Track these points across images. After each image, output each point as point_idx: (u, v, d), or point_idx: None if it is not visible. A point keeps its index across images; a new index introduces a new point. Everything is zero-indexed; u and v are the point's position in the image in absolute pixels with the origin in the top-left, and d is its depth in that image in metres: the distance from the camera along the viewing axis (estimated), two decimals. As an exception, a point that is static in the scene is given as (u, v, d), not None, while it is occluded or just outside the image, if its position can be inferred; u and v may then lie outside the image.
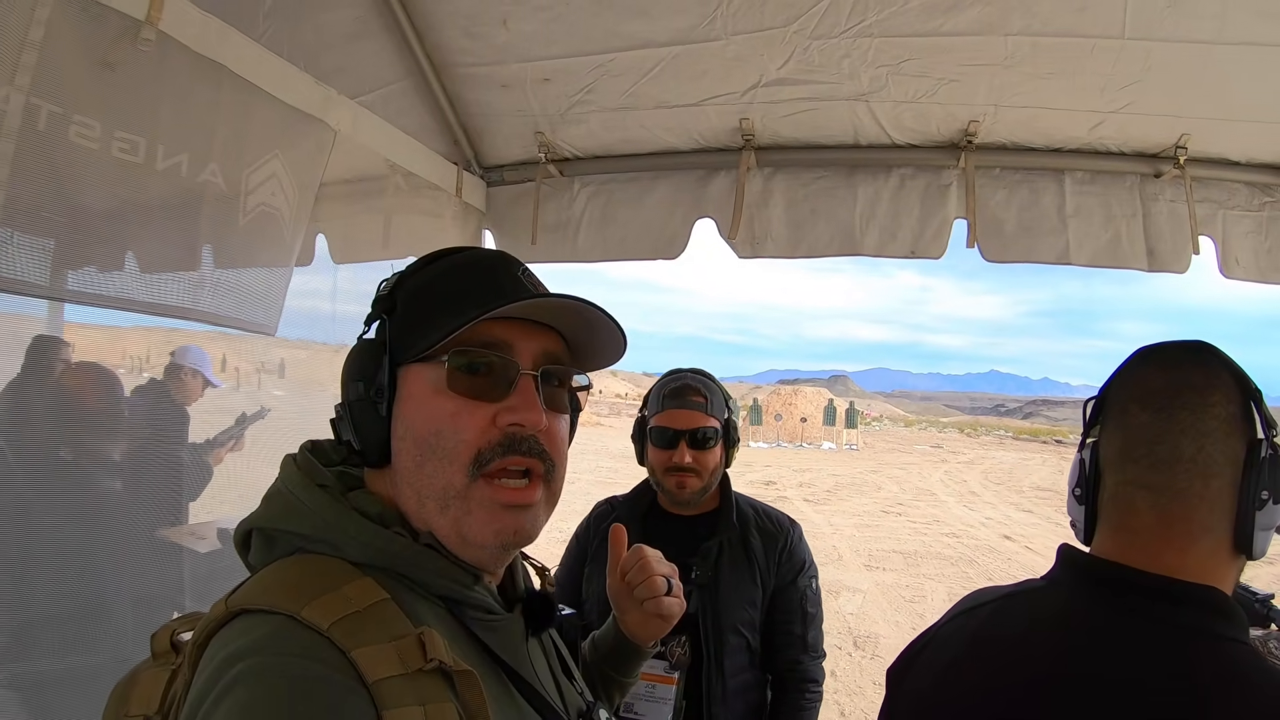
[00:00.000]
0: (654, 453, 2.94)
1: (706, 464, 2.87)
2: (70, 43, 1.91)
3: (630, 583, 1.67)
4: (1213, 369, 1.34)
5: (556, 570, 3.11)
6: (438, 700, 0.95)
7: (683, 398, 2.89)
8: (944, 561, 15.92)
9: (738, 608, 2.81)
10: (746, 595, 2.83)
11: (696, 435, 2.85)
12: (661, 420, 2.92)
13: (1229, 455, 1.28)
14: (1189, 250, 3.13)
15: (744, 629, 2.81)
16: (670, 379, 2.98)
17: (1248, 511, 1.26)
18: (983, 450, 62.17)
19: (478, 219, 3.93)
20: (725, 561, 2.85)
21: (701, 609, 2.76)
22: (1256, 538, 1.26)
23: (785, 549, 2.93)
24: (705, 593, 2.78)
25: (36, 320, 2.38)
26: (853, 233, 3.44)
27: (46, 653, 2.17)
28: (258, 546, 1.14)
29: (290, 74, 2.58)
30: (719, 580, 2.81)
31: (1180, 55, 2.69)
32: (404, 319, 1.19)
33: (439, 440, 1.12)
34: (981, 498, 28.23)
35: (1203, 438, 1.29)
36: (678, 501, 2.94)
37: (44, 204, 1.93)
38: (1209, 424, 1.29)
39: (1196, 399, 1.31)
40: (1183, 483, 1.29)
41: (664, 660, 2.71)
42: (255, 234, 2.53)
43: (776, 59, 3.02)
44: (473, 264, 1.24)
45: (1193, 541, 1.28)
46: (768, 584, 2.88)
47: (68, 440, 2.37)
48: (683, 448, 2.85)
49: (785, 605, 2.88)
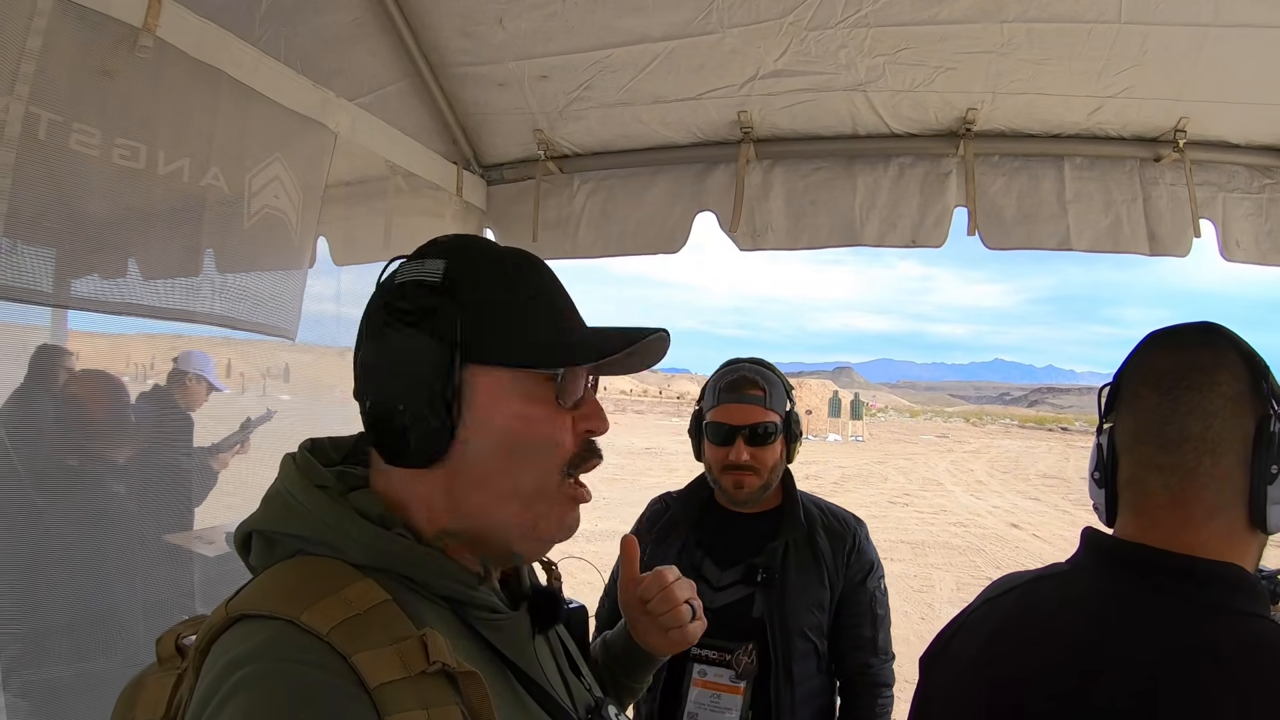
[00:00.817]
0: (710, 449, 2.81)
1: (766, 461, 2.73)
2: (68, 51, 1.92)
3: (653, 611, 1.61)
4: (1220, 349, 1.35)
5: (612, 571, 2.98)
6: (441, 703, 0.94)
7: (739, 391, 2.76)
8: (952, 551, 15.95)
9: (805, 611, 2.67)
10: (814, 598, 2.70)
11: (756, 431, 2.71)
12: (717, 415, 2.78)
13: (1237, 432, 1.29)
14: (1190, 234, 3.12)
15: (811, 633, 2.68)
16: (727, 370, 2.85)
17: (1260, 486, 1.27)
18: (988, 439, 62.22)
19: (479, 218, 3.94)
20: (792, 563, 2.72)
21: (768, 613, 2.64)
22: (1270, 512, 1.27)
23: (854, 548, 2.79)
24: (771, 596, 2.66)
25: (41, 329, 2.38)
26: (853, 223, 3.43)
27: (59, 660, 2.17)
28: (258, 549, 1.14)
29: (288, 77, 2.59)
30: (785, 583, 2.68)
31: (1177, 38, 2.69)
32: (483, 320, 1.14)
33: (536, 444, 1.16)
34: (988, 486, 28.28)
35: (1210, 417, 1.30)
36: (735, 500, 2.80)
37: (47, 212, 1.94)
38: (1215, 403, 1.30)
39: (1203, 379, 1.32)
40: (1191, 461, 1.31)
41: (729, 669, 2.60)
42: (261, 237, 2.54)
43: (773, 51, 3.01)
44: (541, 267, 1.25)
45: (1208, 518, 1.29)
46: (835, 585, 2.74)
47: (74, 447, 2.37)
48: (740, 444, 2.71)
49: (854, 607, 2.75)
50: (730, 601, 2.71)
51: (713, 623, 2.62)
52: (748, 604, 2.69)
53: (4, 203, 1.78)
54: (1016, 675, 1.38)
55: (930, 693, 1.61)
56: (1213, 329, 1.39)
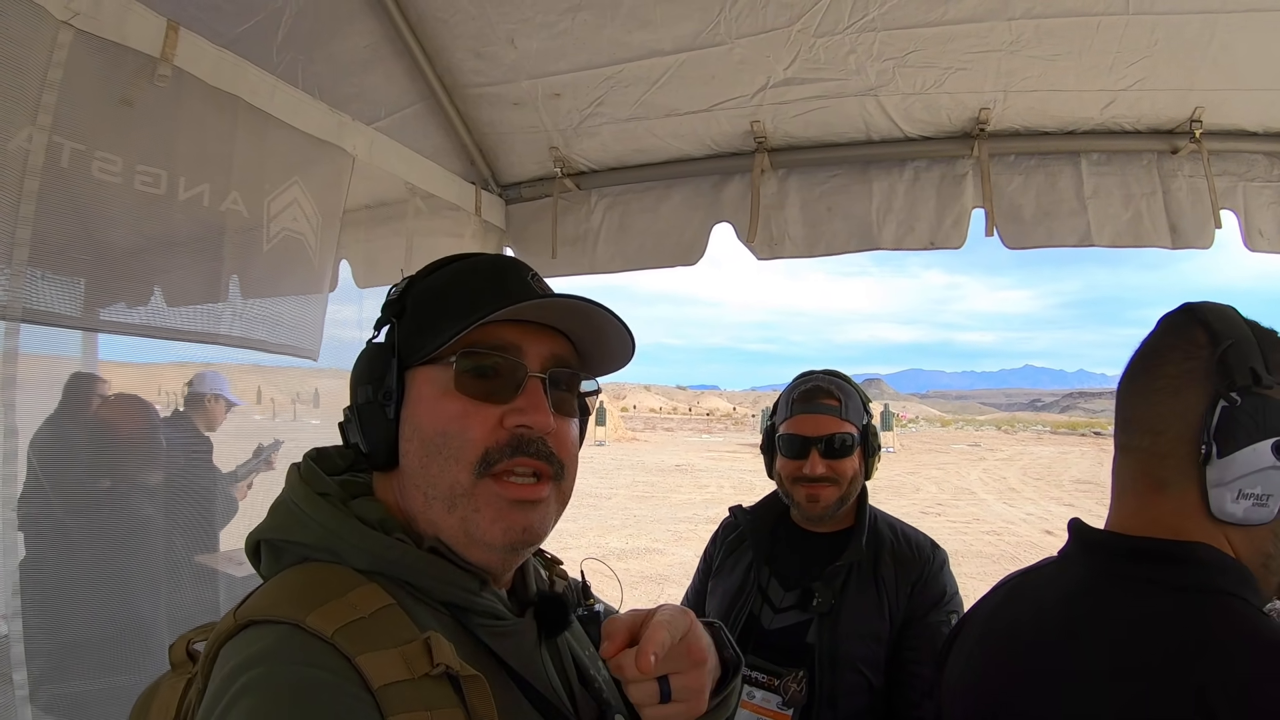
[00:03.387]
0: (783, 463, 2.67)
1: (844, 473, 2.59)
2: (89, 82, 1.98)
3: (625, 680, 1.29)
4: (1181, 329, 1.38)
5: (692, 582, 2.95)
6: (444, 705, 0.96)
7: (814, 401, 2.63)
8: (986, 560, 15.80)
9: (859, 642, 2.48)
10: (870, 629, 2.50)
11: (831, 442, 2.57)
12: (790, 427, 2.64)
13: (1178, 410, 1.31)
14: (1211, 225, 3.09)
15: (865, 667, 2.47)
16: (801, 381, 2.73)
17: (1201, 467, 1.28)
18: (1020, 446, 61.59)
19: (498, 236, 3.98)
20: (851, 589, 2.55)
21: (819, 641, 2.48)
22: (1211, 494, 1.27)
23: (922, 579, 2.59)
24: (824, 623, 2.50)
25: (72, 360, 2.44)
26: (870, 228, 3.44)
27: (85, 674, 2.21)
28: (266, 557, 1.16)
29: (304, 103, 2.64)
30: (841, 610, 2.51)
31: (1187, 27, 2.67)
32: (412, 322, 1.20)
33: (445, 441, 1.13)
34: (1021, 494, 27.97)
35: (1152, 394, 1.35)
36: (809, 516, 2.66)
37: (71, 238, 1.99)
38: (1159, 382, 1.35)
39: (1154, 359, 1.38)
40: (1137, 440, 1.37)
41: (777, 695, 2.45)
42: (280, 259, 2.59)
43: (783, 59, 3.03)
44: (481, 268, 1.26)
45: (1155, 496, 1.34)
46: (896, 617, 2.53)
47: (103, 470, 2.41)
48: (814, 457, 2.57)
49: (914, 642, 2.50)
50: (787, 625, 2.57)
51: (768, 645, 2.53)
52: (803, 629, 2.54)
53: (28, 229, 1.83)
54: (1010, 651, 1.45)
55: (942, 690, 1.65)
56: (1186, 308, 1.41)
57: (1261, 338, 1.31)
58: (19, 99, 1.84)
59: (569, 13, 2.97)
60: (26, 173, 1.83)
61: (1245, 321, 1.33)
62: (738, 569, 2.74)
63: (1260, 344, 1.29)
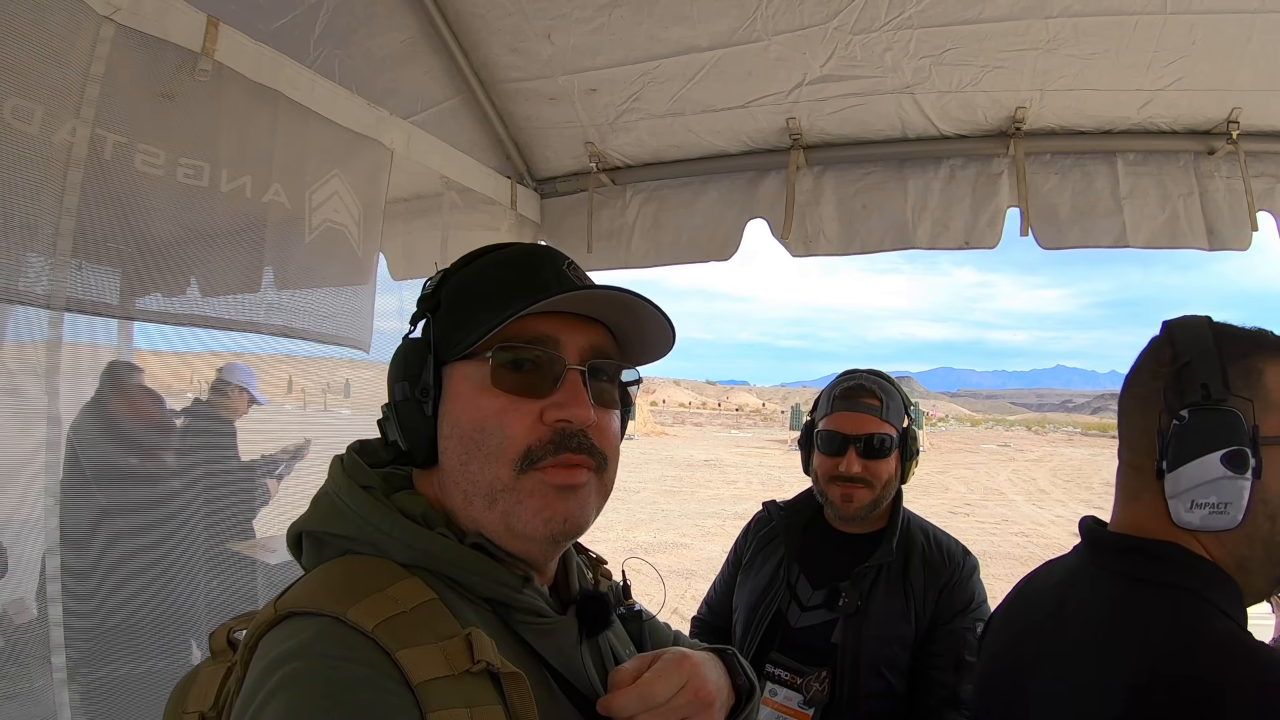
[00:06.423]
0: (820, 460, 2.65)
1: (880, 474, 2.57)
2: (131, 76, 2.01)
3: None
4: (1156, 347, 1.47)
5: (714, 582, 2.96)
6: (484, 703, 0.95)
7: (854, 399, 2.60)
8: (1014, 561, 15.70)
9: (883, 646, 2.47)
10: (896, 633, 2.49)
11: (871, 442, 2.55)
12: (829, 424, 2.62)
13: (1143, 426, 1.43)
14: (1248, 227, 3.05)
15: (888, 671, 2.46)
16: (843, 379, 2.71)
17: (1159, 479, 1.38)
18: (1051, 447, 61.07)
19: (533, 230, 4.00)
20: (879, 591, 2.53)
21: (843, 641, 2.47)
22: (1170, 504, 1.35)
23: (949, 585, 2.56)
24: (849, 624, 2.49)
25: (108, 349, 2.48)
26: (905, 227, 3.42)
27: (123, 659, 2.23)
28: (308, 549, 1.15)
29: (343, 97, 2.67)
30: (867, 612, 2.49)
31: (1225, 27, 2.64)
32: (448, 317, 1.18)
33: (485, 438, 1.10)
34: (1051, 495, 27.75)
35: (1129, 411, 1.50)
36: (843, 516, 2.63)
37: (114, 228, 2.03)
38: (1129, 402, 1.50)
39: (1132, 377, 1.51)
40: (1121, 453, 1.52)
41: (799, 693, 2.46)
42: (323, 251, 2.62)
43: (819, 56, 3.02)
44: (516, 259, 1.23)
45: (1133, 501, 1.47)
46: (921, 622, 2.51)
47: (140, 456, 2.45)
48: (851, 455, 2.55)
49: (937, 647, 2.48)
50: (814, 624, 2.57)
51: (794, 643, 2.54)
52: (829, 629, 2.53)
53: (72, 220, 1.87)
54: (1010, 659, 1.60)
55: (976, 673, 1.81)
56: (1165, 326, 1.49)
57: (1227, 353, 1.37)
58: (63, 93, 1.87)
59: (606, 8, 2.98)
60: (70, 165, 1.86)
61: (1219, 334, 1.40)
62: (768, 564, 2.73)
63: (1223, 359, 1.36)
